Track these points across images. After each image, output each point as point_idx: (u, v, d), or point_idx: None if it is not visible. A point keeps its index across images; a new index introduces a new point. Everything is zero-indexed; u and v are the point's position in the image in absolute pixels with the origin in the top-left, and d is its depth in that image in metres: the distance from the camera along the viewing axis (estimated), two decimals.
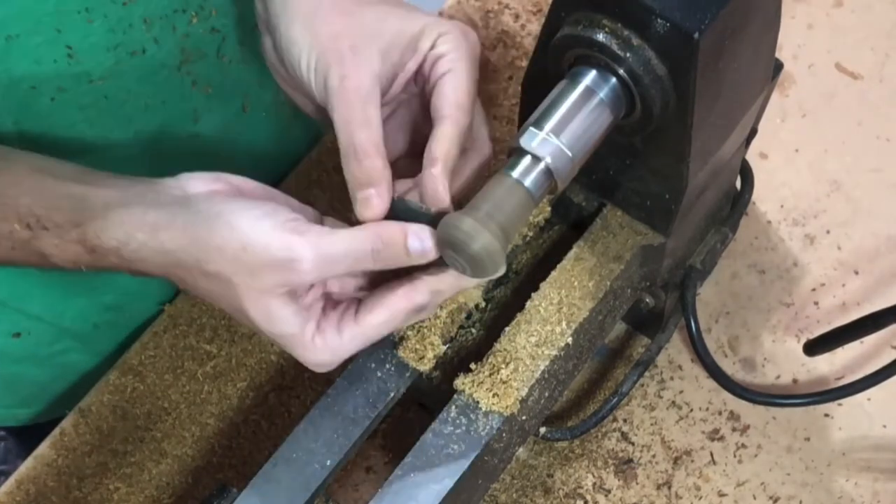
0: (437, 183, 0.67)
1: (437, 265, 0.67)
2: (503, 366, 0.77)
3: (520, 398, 0.77)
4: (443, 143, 0.68)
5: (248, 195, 0.67)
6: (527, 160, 0.66)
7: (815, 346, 0.88)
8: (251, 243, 0.62)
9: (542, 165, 0.66)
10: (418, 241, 0.64)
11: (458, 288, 0.68)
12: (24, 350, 0.96)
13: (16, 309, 0.92)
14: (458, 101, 0.69)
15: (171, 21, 0.79)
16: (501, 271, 0.65)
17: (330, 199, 1.02)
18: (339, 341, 0.66)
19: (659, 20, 0.65)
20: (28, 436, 0.99)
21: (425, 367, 0.78)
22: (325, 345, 0.66)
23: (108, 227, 0.64)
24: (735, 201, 0.96)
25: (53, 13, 0.72)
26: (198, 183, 0.66)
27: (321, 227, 0.64)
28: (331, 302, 0.68)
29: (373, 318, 0.66)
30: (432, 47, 0.70)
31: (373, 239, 0.64)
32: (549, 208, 0.84)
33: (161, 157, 0.87)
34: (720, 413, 0.96)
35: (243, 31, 0.87)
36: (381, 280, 0.69)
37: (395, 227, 0.65)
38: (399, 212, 0.67)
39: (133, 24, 0.76)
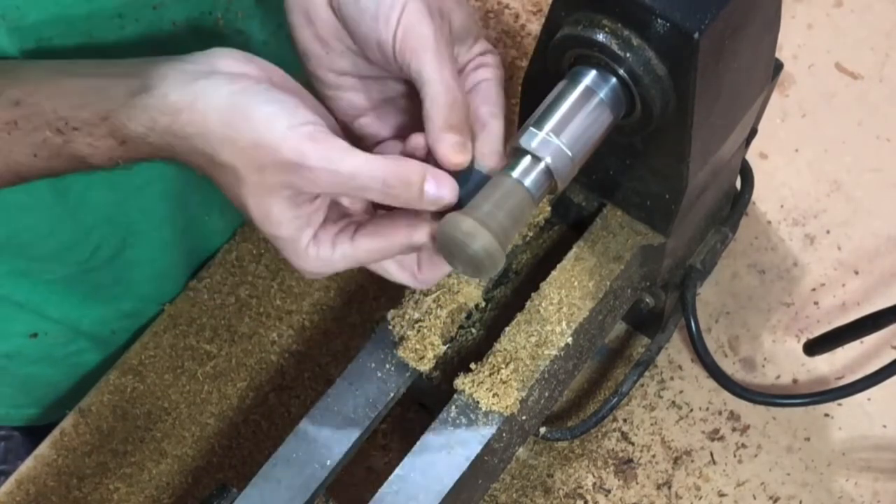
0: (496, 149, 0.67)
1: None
2: (503, 366, 0.77)
3: (520, 398, 0.77)
4: (495, 140, 0.68)
5: (276, 85, 0.65)
6: (527, 160, 0.66)
7: (815, 346, 0.88)
8: (263, 141, 0.61)
9: (542, 165, 0.66)
10: (435, 186, 0.63)
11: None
12: (41, 351, 0.96)
13: (34, 311, 0.92)
14: (501, 105, 0.69)
15: (199, 24, 0.78)
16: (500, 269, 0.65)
17: None
18: (331, 255, 0.65)
19: (659, 20, 0.65)
20: (37, 435, 0.99)
21: (425, 367, 0.78)
22: (317, 255, 0.65)
23: (134, 115, 0.63)
24: (735, 201, 0.96)
25: (86, 18, 0.71)
26: (228, 61, 0.65)
27: (338, 139, 0.62)
28: (334, 213, 0.67)
29: (368, 242, 0.65)
30: (482, 54, 0.71)
31: (388, 170, 0.62)
32: (549, 208, 0.84)
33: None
34: (720, 413, 0.96)
35: (267, 32, 0.87)
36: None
37: (415, 164, 0.63)
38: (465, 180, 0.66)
39: (163, 28, 0.76)
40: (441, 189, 0.63)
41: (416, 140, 0.68)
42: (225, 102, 0.62)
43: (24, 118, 0.65)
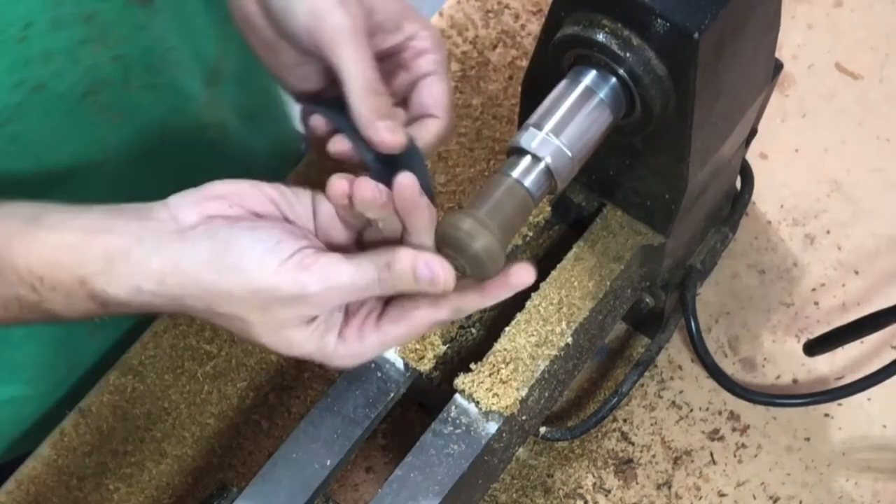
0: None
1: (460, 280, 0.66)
2: (503, 366, 0.77)
3: (520, 398, 0.77)
4: (433, 140, 0.69)
5: (241, 207, 0.65)
6: (527, 160, 0.66)
7: (815, 346, 0.88)
8: (259, 286, 0.61)
9: (542, 165, 0.66)
10: (427, 269, 0.63)
11: (480, 305, 0.66)
12: None
13: None
14: (446, 104, 0.70)
15: (73, 54, 0.77)
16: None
17: None
18: (362, 348, 0.66)
19: (659, 20, 0.65)
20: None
21: (425, 367, 0.78)
22: (346, 352, 0.66)
23: (115, 281, 0.63)
24: (735, 201, 0.96)
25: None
26: (188, 211, 0.64)
27: (327, 256, 0.63)
28: (350, 310, 0.67)
29: (395, 329, 0.66)
30: (414, 36, 0.70)
31: (381, 268, 0.63)
32: (549, 208, 0.84)
33: (76, 187, 0.84)
34: (720, 413, 0.96)
35: (154, 57, 0.85)
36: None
37: (405, 255, 0.63)
38: (408, 158, 0.67)
39: (31, 60, 0.74)
40: (433, 270, 0.63)
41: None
42: (210, 260, 0.62)
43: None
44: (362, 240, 0.67)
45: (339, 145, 0.68)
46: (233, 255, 0.62)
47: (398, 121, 0.66)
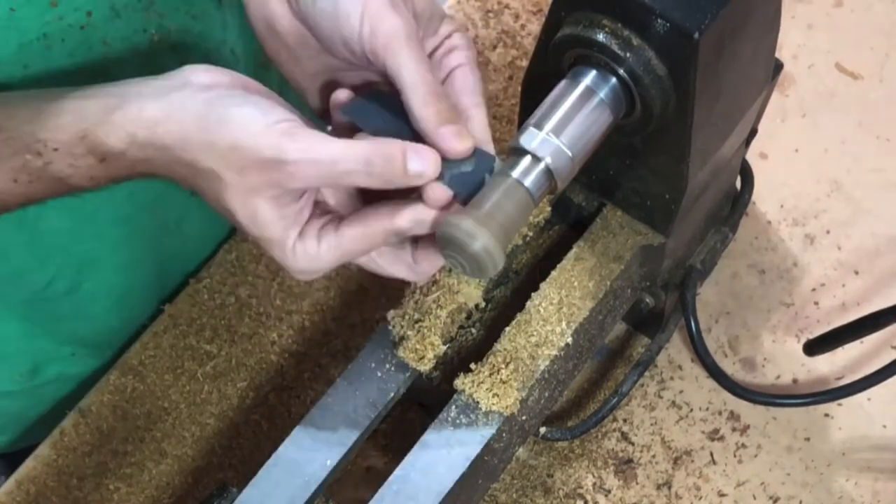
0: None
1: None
2: (503, 366, 0.77)
3: (520, 398, 0.77)
4: (482, 130, 0.68)
5: (250, 90, 0.65)
6: (527, 160, 0.66)
7: (815, 346, 0.88)
8: (241, 142, 0.61)
9: (542, 165, 0.66)
10: (418, 160, 0.63)
11: (438, 222, 0.66)
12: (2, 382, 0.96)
13: None
14: (479, 91, 0.69)
15: (133, 42, 0.78)
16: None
17: None
18: (317, 250, 0.65)
19: (659, 20, 0.65)
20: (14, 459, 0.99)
21: (425, 367, 0.78)
22: (304, 252, 0.65)
23: (112, 131, 0.64)
24: (735, 201, 0.96)
25: (17, 50, 0.71)
26: (200, 73, 0.65)
27: (315, 131, 0.62)
28: (318, 211, 0.67)
29: (352, 230, 0.65)
30: (449, 36, 0.70)
31: (369, 150, 0.62)
32: (549, 208, 0.84)
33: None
34: (720, 413, 0.96)
35: (207, 48, 0.86)
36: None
37: (395, 142, 0.63)
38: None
39: (92, 48, 0.75)
40: (424, 162, 0.63)
41: None
42: (200, 109, 0.62)
43: (3, 143, 0.65)
44: None
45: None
46: (223, 110, 0.62)
47: (463, 125, 0.66)
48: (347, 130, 0.68)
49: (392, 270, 0.69)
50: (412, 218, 0.65)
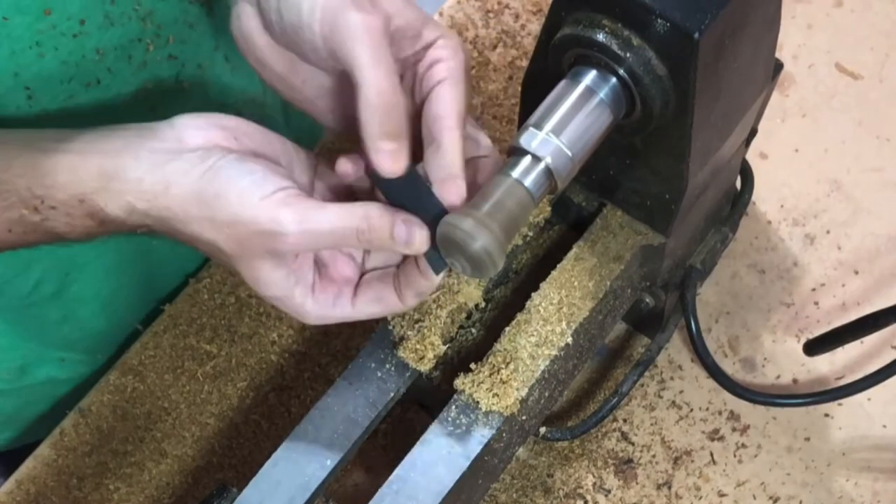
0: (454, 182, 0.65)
1: (414, 265, 0.67)
2: (503, 366, 0.77)
3: (520, 398, 0.77)
4: (453, 154, 0.65)
5: (245, 141, 0.66)
6: (527, 160, 0.66)
7: (815, 346, 0.88)
8: (239, 216, 0.63)
9: (542, 165, 0.66)
10: (405, 230, 0.64)
11: (432, 287, 0.68)
12: None
13: None
14: (458, 113, 0.66)
15: (127, 51, 0.78)
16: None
17: None
18: (331, 314, 0.68)
19: (659, 20, 0.65)
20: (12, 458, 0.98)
21: (425, 367, 0.78)
22: (315, 311, 0.68)
23: (110, 199, 0.65)
24: (735, 201, 0.96)
25: (8, 56, 0.71)
26: (194, 133, 0.65)
27: (309, 200, 0.64)
28: (328, 269, 0.69)
29: (367, 307, 0.68)
30: (433, 44, 0.67)
31: (359, 219, 0.63)
32: (549, 208, 0.84)
33: None
34: (720, 413, 0.96)
35: (202, 56, 0.86)
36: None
37: (385, 212, 0.64)
38: (409, 184, 0.65)
39: (86, 56, 0.75)
40: (411, 234, 0.64)
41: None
42: (197, 186, 0.64)
43: None
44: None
45: (344, 166, 0.68)
46: (219, 184, 0.63)
47: (404, 145, 0.64)
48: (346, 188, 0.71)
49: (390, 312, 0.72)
50: (417, 293, 0.68)
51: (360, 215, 0.64)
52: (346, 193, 0.70)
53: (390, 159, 0.63)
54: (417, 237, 0.64)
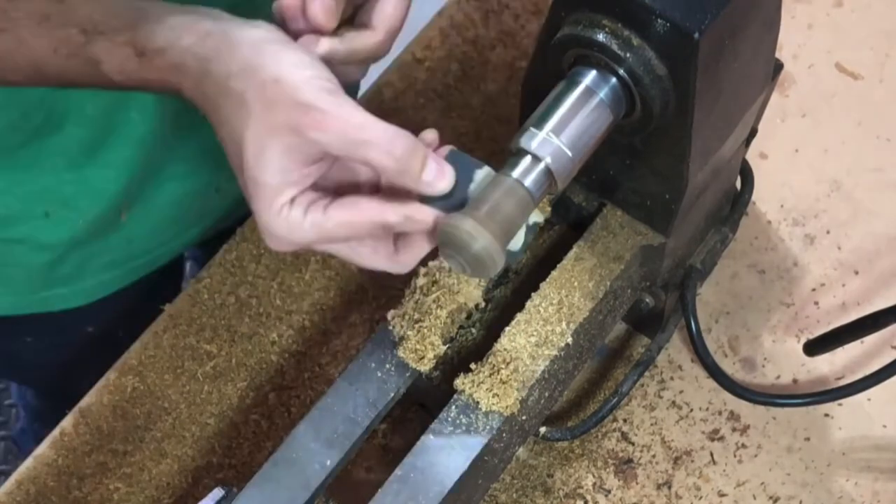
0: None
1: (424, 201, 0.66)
2: (503, 366, 0.77)
3: (520, 398, 0.77)
4: (360, 50, 0.68)
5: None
6: (527, 160, 0.66)
7: (815, 346, 0.88)
8: (285, 77, 0.62)
9: (542, 165, 0.66)
10: (436, 168, 0.63)
11: (429, 224, 0.65)
12: None
13: None
14: (391, 23, 0.69)
15: None
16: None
17: None
18: (301, 221, 0.64)
19: (659, 20, 0.65)
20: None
21: (425, 367, 0.78)
22: (286, 218, 0.64)
23: (161, 29, 0.65)
24: (735, 201, 0.96)
25: None
26: (270, 27, 0.66)
27: (355, 102, 0.63)
28: (318, 186, 0.67)
29: (340, 214, 0.64)
30: None
31: (398, 134, 0.62)
32: (549, 208, 0.84)
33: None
34: (720, 413, 0.96)
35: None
36: None
37: (415, 141, 0.63)
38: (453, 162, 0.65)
39: None
40: (441, 174, 0.63)
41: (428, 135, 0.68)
42: (259, 37, 0.64)
43: (59, 13, 0.66)
44: None
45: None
46: (281, 48, 0.63)
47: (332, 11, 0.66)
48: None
49: (371, 261, 0.68)
50: (404, 214, 0.64)
51: (399, 131, 0.62)
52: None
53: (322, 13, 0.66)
54: (447, 180, 0.64)
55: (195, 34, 0.64)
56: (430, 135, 0.67)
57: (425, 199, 0.65)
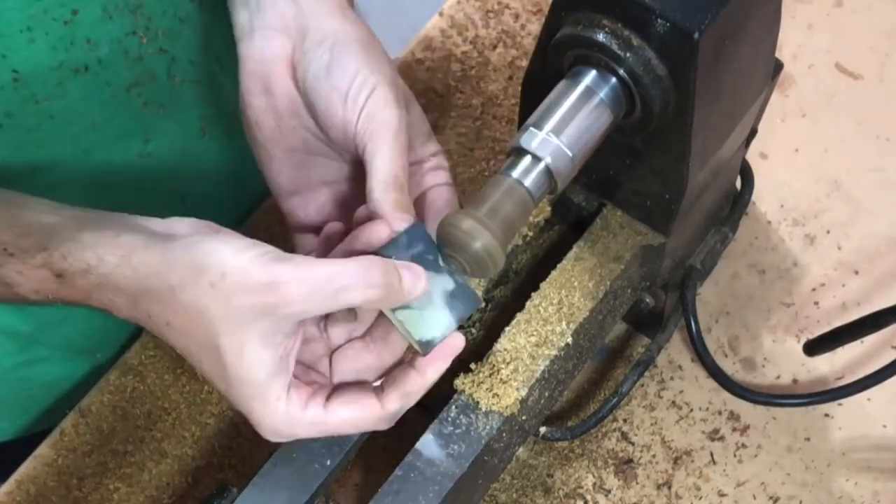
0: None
1: (411, 364, 0.66)
2: (503, 366, 0.77)
3: (520, 398, 0.77)
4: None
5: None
6: (527, 160, 0.66)
7: (815, 346, 0.88)
8: (231, 270, 0.58)
9: (542, 165, 0.66)
10: (410, 275, 0.63)
11: (423, 385, 0.66)
12: None
13: None
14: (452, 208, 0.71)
15: (122, 44, 0.78)
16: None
17: None
18: (301, 417, 0.63)
19: (659, 20, 0.65)
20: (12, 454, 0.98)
21: None
22: (286, 413, 0.62)
23: (77, 249, 0.61)
24: (735, 201, 0.96)
25: None
26: (184, 224, 0.63)
27: (306, 257, 0.61)
28: (303, 378, 0.66)
29: (341, 411, 0.64)
30: (435, 154, 0.72)
31: (365, 264, 0.60)
32: (549, 208, 0.84)
33: (112, 176, 0.85)
34: (720, 413, 0.96)
35: (193, 52, 0.86)
36: (349, 365, 0.68)
37: (382, 259, 0.62)
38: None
39: (75, 42, 0.75)
40: (416, 278, 0.63)
41: (333, 227, 0.69)
42: (184, 245, 0.60)
43: None
44: None
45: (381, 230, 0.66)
46: (210, 243, 0.60)
47: (410, 205, 0.66)
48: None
49: (365, 426, 0.67)
50: (400, 396, 0.65)
51: (362, 260, 0.60)
52: None
53: (398, 206, 0.65)
54: (421, 281, 0.63)
55: (118, 252, 0.60)
56: (333, 226, 0.68)
57: (383, 250, 0.65)
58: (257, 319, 0.59)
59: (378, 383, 0.68)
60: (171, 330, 0.61)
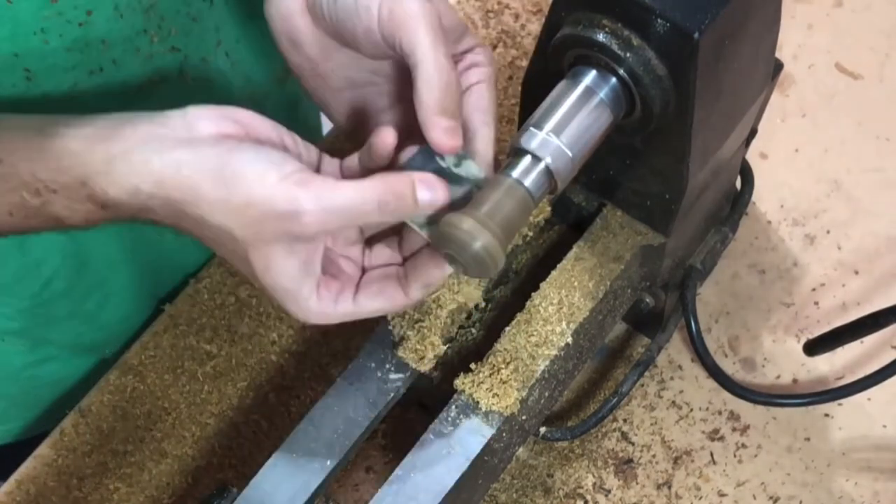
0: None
1: (430, 255, 0.67)
2: (503, 366, 0.77)
3: (520, 398, 0.77)
4: (487, 147, 0.68)
5: (256, 134, 0.66)
6: (527, 160, 0.66)
7: (815, 346, 0.88)
8: (255, 198, 0.61)
9: (542, 165, 0.66)
10: (428, 190, 0.64)
11: (445, 277, 0.68)
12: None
13: None
14: (491, 112, 0.69)
15: (134, 43, 0.78)
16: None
17: None
18: (333, 310, 0.67)
19: (659, 20, 0.65)
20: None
21: (425, 367, 0.78)
22: (319, 309, 0.66)
23: (114, 182, 0.63)
24: (735, 201, 0.96)
25: (9, 38, 0.71)
26: (206, 123, 0.64)
27: (326, 178, 0.63)
28: (332, 268, 0.68)
29: (372, 304, 0.67)
30: (471, 49, 0.70)
31: (380, 190, 0.62)
32: (549, 208, 0.84)
33: None
34: (720, 413, 0.96)
35: (204, 50, 0.86)
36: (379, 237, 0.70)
37: (402, 177, 0.63)
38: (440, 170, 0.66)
39: (90, 44, 0.75)
40: (434, 192, 0.64)
41: (408, 153, 0.69)
42: (212, 165, 0.62)
43: (1, 178, 0.65)
44: None
45: (386, 136, 0.67)
46: (235, 165, 0.62)
47: (459, 124, 0.66)
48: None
49: (394, 312, 0.71)
50: (425, 285, 0.67)
51: (379, 185, 0.62)
52: None
53: (448, 135, 0.65)
54: (440, 193, 0.64)
55: (151, 179, 0.63)
56: (389, 137, 0.67)
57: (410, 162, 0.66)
58: (283, 241, 0.63)
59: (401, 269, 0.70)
60: (207, 241, 0.65)
